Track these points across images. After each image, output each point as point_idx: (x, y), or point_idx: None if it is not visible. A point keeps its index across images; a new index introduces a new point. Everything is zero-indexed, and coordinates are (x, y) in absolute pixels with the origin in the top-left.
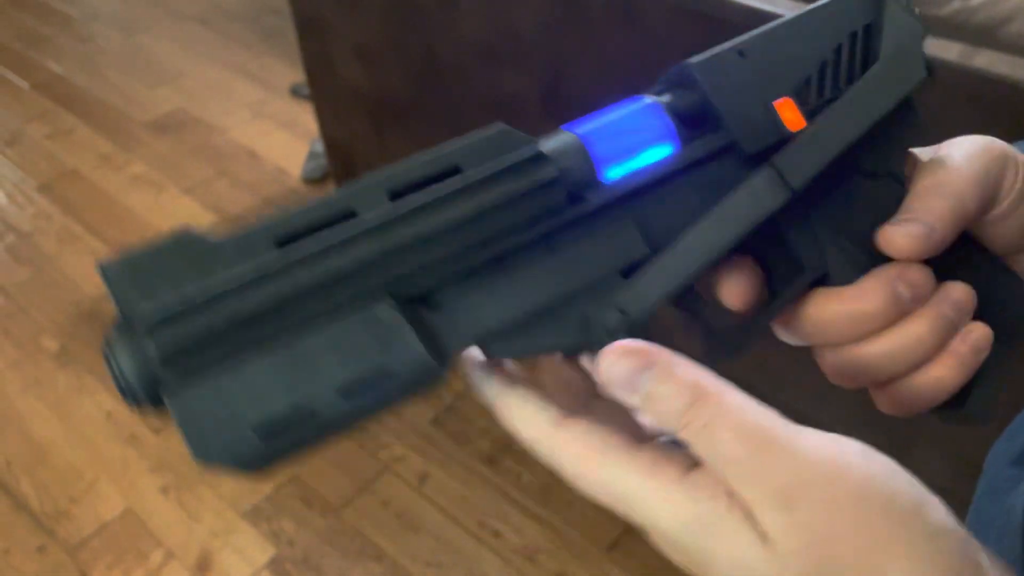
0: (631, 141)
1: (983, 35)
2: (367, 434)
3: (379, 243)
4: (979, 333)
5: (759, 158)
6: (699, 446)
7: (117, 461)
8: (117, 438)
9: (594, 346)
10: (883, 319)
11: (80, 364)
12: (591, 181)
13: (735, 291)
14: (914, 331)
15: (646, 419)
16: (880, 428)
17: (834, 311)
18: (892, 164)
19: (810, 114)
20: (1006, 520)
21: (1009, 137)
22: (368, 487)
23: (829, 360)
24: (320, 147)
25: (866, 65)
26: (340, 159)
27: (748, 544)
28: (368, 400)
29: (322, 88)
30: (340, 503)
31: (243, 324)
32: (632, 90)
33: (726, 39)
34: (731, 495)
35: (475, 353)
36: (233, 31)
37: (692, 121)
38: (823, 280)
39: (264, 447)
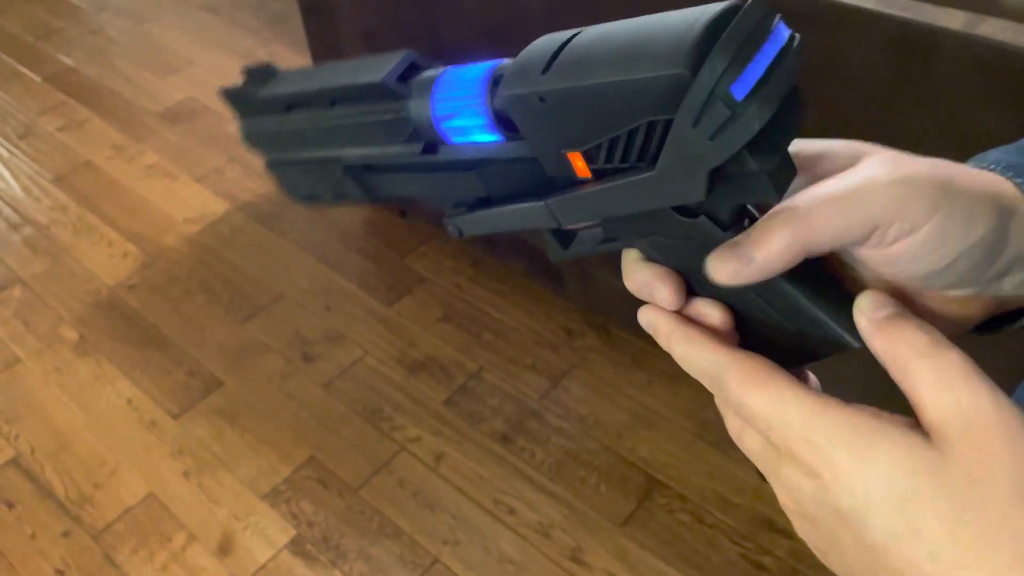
0: (456, 103)
1: (988, 3)
2: (382, 416)
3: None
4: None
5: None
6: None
7: (138, 447)
8: (138, 424)
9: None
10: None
11: (99, 353)
12: (438, 140)
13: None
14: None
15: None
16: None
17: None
18: (718, 208)
19: (597, 172)
20: None
21: (1016, 109)
22: (384, 467)
23: None
24: None
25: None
26: None
27: (911, 443)
28: (331, 198)
29: None
30: (357, 483)
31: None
32: None
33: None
34: (881, 415)
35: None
36: (240, 18)
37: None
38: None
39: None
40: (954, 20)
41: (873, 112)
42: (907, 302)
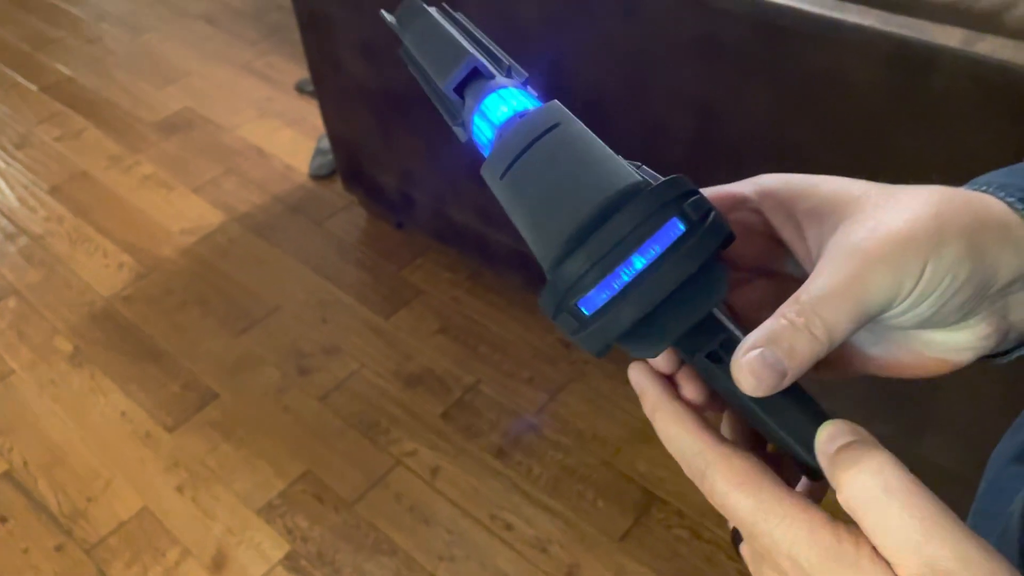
0: (482, 137)
1: (987, 21)
2: (378, 430)
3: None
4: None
5: None
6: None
7: (133, 460)
8: (132, 438)
9: None
10: None
11: (94, 364)
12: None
13: None
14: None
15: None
16: (891, 416)
17: None
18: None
19: None
20: (1007, 523)
21: (1014, 125)
22: (380, 482)
23: None
24: (327, 144)
25: None
26: (346, 155)
27: None
28: None
29: (327, 85)
30: (353, 498)
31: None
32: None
33: (729, 29)
34: (875, 550)
35: (640, 366)
36: (238, 29)
37: None
38: None
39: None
40: (952, 38)
41: (872, 129)
42: (910, 340)
